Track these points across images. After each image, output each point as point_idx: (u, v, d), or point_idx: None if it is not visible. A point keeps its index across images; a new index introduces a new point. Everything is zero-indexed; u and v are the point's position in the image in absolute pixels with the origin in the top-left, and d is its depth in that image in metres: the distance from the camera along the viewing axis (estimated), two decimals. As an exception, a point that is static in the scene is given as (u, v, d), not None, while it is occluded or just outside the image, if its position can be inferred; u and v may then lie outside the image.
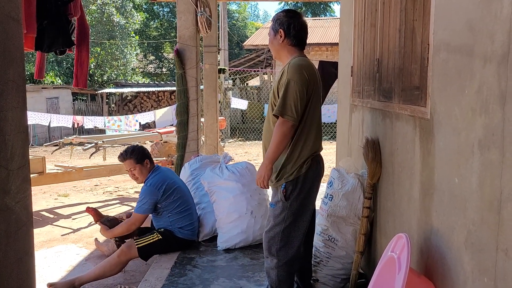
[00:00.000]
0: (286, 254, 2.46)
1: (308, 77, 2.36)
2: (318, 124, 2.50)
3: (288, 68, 2.39)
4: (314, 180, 2.49)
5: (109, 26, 20.64)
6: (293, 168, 2.42)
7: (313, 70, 2.46)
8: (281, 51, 2.54)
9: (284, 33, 2.48)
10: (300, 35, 2.51)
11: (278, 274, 2.49)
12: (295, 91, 2.32)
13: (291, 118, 2.32)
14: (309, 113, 2.41)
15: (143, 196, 3.52)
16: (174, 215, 3.62)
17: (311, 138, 2.44)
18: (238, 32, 29.44)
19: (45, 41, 2.35)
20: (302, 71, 2.35)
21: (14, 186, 1.32)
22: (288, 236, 2.46)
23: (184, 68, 4.62)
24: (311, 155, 2.44)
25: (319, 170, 2.52)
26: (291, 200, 2.43)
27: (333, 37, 16.41)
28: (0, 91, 1.25)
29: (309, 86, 2.37)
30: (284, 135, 2.34)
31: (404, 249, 1.72)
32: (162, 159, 7.40)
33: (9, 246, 1.31)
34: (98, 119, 11.16)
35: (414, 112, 2.03)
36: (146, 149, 3.71)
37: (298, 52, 2.51)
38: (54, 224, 5.40)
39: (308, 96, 2.38)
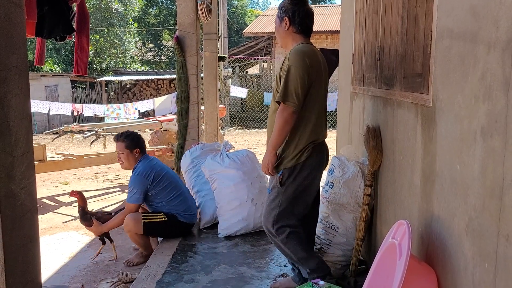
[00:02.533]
0: (285, 230, 2.50)
1: (309, 63, 2.36)
2: (320, 112, 2.48)
3: (290, 54, 2.40)
4: (314, 169, 2.47)
5: (107, 13, 20.47)
6: (292, 155, 2.43)
7: (316, 56, 2.45)
8: (286, 38, 2.56)
9: (289, 21, 2.50)
10: (305, 22, 2.52)
11: (290, 247, 2.51)
12: (296, 77, 2.32)
13: (292, 104, 2.33)
14: (310, 99, 2.41)
15: (132, 185, 3.49)
16: (167, 203, 3.60)
17: (311, 125, 2.43)
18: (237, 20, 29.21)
19: (45, 27, 2.33)
20: (304, 57, 2.36)
21: (18, 172, 1.33)
22: (282, 218, 2.50)
23: (184, 56, 4.59)
24: (311, 142, 2.43)
25: (321, 158, 2.51)
26: (286, 186, 2.45)
27: (333, 25, 16.29)
28: (3, 77, 1.25)
29: (311, 72, 2.37)
30: (285, 121, 2.34)
31: (405, 236, 1.74)
32: (162, 147, 7.41)
33: (14, 231, 1.32)
34: (97, 107, 11.11)
35: (416, 99, 2.03)
36: (141, 139, 3.66)
37: (303, 39, 2.53)
38: (55, 211, 5.42)
39: (310, 82, 2.37)
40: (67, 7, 2.45)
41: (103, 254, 3.97)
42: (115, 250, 3.80)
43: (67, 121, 14.90)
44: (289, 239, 2.51)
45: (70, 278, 3.48)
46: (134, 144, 3.55)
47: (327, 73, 2.61)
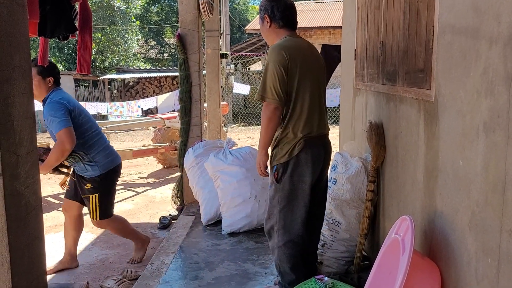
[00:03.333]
0: (284, 235, 2.46)
1: (287, 57, 2.32)
2: (312, 105, 2.40)
3: (268, 51, 2.40)
4: (309, 163, 2.39)
5: (109, 11, 20.46)
6: (284, 150, 2.40)
7: (301, 48, 2.40)
8: (271, 36, 2.54)
9: (269, 18, 2.49)
10: (285, 15, 2.48)
11: (279, 254, 2.50)
12: (272, 72, 2.31)
13: (272, 101, 2.31)
14: (298, 93, 2.36)
15: (52, 112, 3.07)
16: (89, 145, 3.25)
17: (302, 119, 2.37)
18: (239, 16, 29.15)
19: (48, 27, 2.34)
20: (281, 51, 2.33)
21: (23, 171, 1.34)
22: (285, 218, 2.45)
23: (187, 53, 4.59)
24: (304, 136, 2.37)
25: (317, 153, 2.43)
26: (282, 182, 2.42)
27: (336, 21, 16.23)
28: (7, 77, 1.26)
29: (291, 66, 2.33)
30: (269, 118, 2.33)
31: (408, 231, 1.74)
32: (165, 144, 7.42)
33: (19, 230, 1.33)
34: (100, 105, 11.14)
35: (418, 95, 2.03)
36: (57, 68, 3.27)
37: (287, 33, 2.49)
38: (59, 209, 5.44)
39: (291, 76, 2.34)
40: (69, 6, 2.46)
41: (107, 251, 3.99)
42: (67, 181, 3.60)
43: (70, 119, 14.91)
44: (285, 246, 2.47)
45: (75, 276, 3.50)
46: (48, 72, 3.15)
47: (320, 64, 2.53)
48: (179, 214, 4.63)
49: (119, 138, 12.49)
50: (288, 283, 2.53)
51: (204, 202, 4.17)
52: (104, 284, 3.25)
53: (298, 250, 2.49)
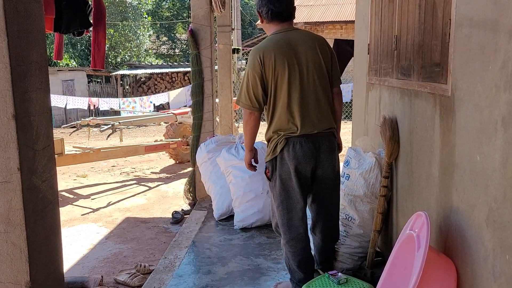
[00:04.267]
0: (286, 234, 2.49)
1: (261, 61, 2.31)
2: (287, 103, 2.33)
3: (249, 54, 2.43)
4: (294, 160, 2.34)
5: (121, 7, 20.57)
6: (269, 148, 2.45)
7: (278, 46, 2.33)
8: (267, 31, 2.54)
9: (259, 14, 2.49)
10: (270, 8, 2.39)
11: (286, 252, 2.56)
12: (247, 79, 2.37)
13: (246, 106, 2.38)
14: (275, 93, 2.35)
15: None
16: None
17: (279, 118, 2.36)
18: (250, 11, 29.06)
19: (63, 22, 2.36)
20: (256, 55, 2.35)
21: (40, 165, 1.35)
22: (282, 216, 2.47)
23: (199, 49, 4.59)
24: (285, 135, 2.34)
25: (302, 150, 2.34)
26: (273, 181, 2.46)
27: (348, 15, 16.08)
28: (24, 73, 1.27)
29: (265, 69, 2.31)
30: (245, 122, 2.45)
31: (424, 227, 1.72)
32: (177, 140, 7.46)
33: (37, 224, 1.35)
34: (113, 101, 11.23)
35: (434, 89, 2.00)
36: None
37: (276, 26, 2.43)
38: (74, 204, 5.52)
39: (267, 78, 2.33)
40: (84, 2, 2.48)
41: (121, 245, 4.04)
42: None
43: (83, 115, 15.09)
44: (288, 245, 2.51)
45: (89, 269, 3.55)
46: None
47: (311, 55, 2.37)
48: (192, 209, 4.65)
49: (131, 133, 12.58)
50: (298, 280, 2.54)
51: (216, 197, 4.18)
52: (118, 278, 3.29)
53: (301, 247, 2.49)
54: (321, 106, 2.40)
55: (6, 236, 1.30)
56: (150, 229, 4.47)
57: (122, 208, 5.26)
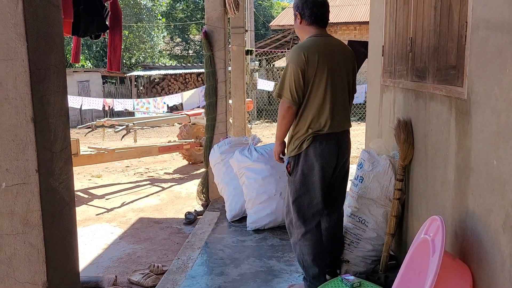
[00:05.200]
0: (301, 228, 2.56)
1: (306, 58, 2.40)
2: (322, 103, 2.45)
3: (290, 50, 2.53)
4: (318, 158, 2.46)
5: (136, 9, 20.77)
6: (295, 144, 2.52)
7: (319, 48, 2.45)
8: (302, 33, 2.63)
9: (300, 15, 2.58)
10: (314, 12, 2.54)
11: (300, 247, 2.60)
12: (290, 73, 2.42)
13: (287, 100, 2.44)
14: (311, 92, 2.45)
15: None
16: None
17: (311, 116, 2.46)
18: (264, 13, 29.07)
19: (80, 26, 2.40)
20: (300, 52, 2.43)
21: (57, 167, 1.38)
22: (298, 210, 2.55)
23: (213, 50, 4.61)
24: (313, 132, 2.46)
25: (327, 149, 2.47)
26: (293, 175, 2.54)
27: (362, 16, 15.99)
28: (43, 76, 1.30)
29: (308, 67, 2.41)
30: (282, 116, 2.48)
31: (439, 232, 1.70)
32: (191, 140, 7.50)
33: (54, 224, 1.37)
34: (127, 102, 11.33)
35: (449, 92, 1.98)
36: None
37: (316, 30, 2.56)
38: (88, 204, 5.58)
39: (308, 77, 2.42)
40: (101, 6, 2.51)
41: (135, 246, 4.07)
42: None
43: (98, 115, 15.25)
44: (303, 238, 2.56)
45: (104, 269, 3.59)
46: None
47: (344, 62, 2.55)
48: (204, 210, 4.67)
49: (145, 134, 12.68)
50: (312, 277, 2.59)
51: (229, 199, 4.19)
52: (131, 278, 3.32)
53: (315, 241, 2.58)
54: (345, 108, 2.60)
55: (24, 237, 1.32)
56: (163, 230, 4.50)
57: (136, 209, 5.31)
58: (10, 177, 1.30)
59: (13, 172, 1.30)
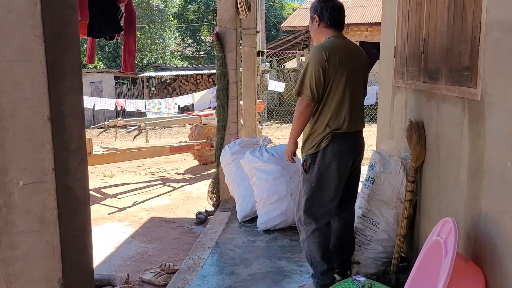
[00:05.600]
0: (311, 224, 2.58)
1: (327, 57, 2.43)
2: (343, 104, 2.49)
3: (311, 50, 2.56)
4: (336, 157, 2.49)
5: (148, 10, 20.93)
6: (313, 143, 2.53)
7: (338, 49, 2.49)
8: (319, 35, 2.66)
9: (318, 18, 2.61)
10: (333, 15, 2.59)
11: (309, 243, 2.62)
12: (311, 71, 2.44)
13: (307, 97, 2.46)
14: (330, 91, 2.48)
15: None
16: None
17: (330, 116, 2.48)
18: (275, 14, 29.07)
19: (95, 27, 2.44)
20: (321, 51, 2.46)
21: (73, 166, 1.40)
22: (311, 207, 2.57)
23: (224, 51, 4.63)
24: (331, 132, 2.48)
25: (344, 148, 2.51)
26: (309, 173, 2.55)
27: (373, 17, 15.91)
28: (60, 77, 1.32)
29: (328, 66, 2.44)
30: (300, 113, 2.50)
31: (451, 234, 1.70)
32: (202, 141, 7.54)
33: (69, 222, 1.40)
34: (139, 102, 11.43)
35: (463, 93, 1.97)
36: None
37: (333, 33, 2.60)
38: (101, 203, 5.64)
39: (329, 75, 2.45)
40: (115, 7, 2.54)
41: (146, 245, 4.11)
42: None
43: (110, 116, 15.39)
44: (312, 235, 2.59)
45: (116, 268, 3.63)
46: None
47: (360, 64, 2.61)
48: (215, 210, 4.69)
49: (157, 134, 12.76)
50: (320, 273, 2.61)
51: (240, 199, 4.21)
52: (143, 277, 3.35)
53: (324, 238, 2.61)
54: (361, 108, 2.65)
55: (40, 234, 1.35)
56: (174, 229, 4.53)
57: (147, 208, 5.35)
58: (27, 175, 1.33)
59: (30, 170, 1.32)
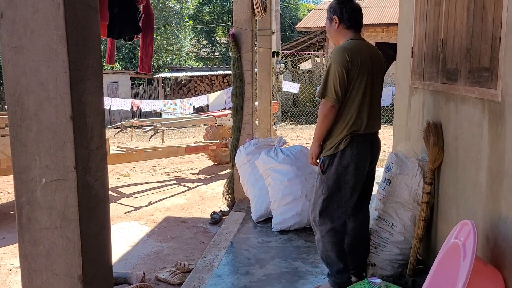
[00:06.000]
0: (326, 224, 2.58)
1: (350, 58, 2.43)
2: (360, 104, 2.48)
3: (332, 52, 2.52)
4: (354, 158, 2.49)
5: (164, 11, 21.11)
6: (332, 144, 2.52)
7: (361, 51, 2.49)
8: (337, 36, 2.65)
9: (338, 19, 2.60)
10: (353, 16, 2.59)
11: (324, 243, 2.62)
12: (335, 73, 2.43)
13: (331, 99, 2.45)
14: (351, 93, 2.47)
15: None
16: None
17: (350, 117, 2.47)
18: (290, 15, 29.04)
19: (115, 28, 2.47)
20: (344, 53, 2.44)
21: (93, 164, 1.43)
22: (327, 207, 2.57)
23: (240, 52, 4.65)
24: (350, 133, 2.47)
25: (362, 149, 2.51)
26: (327, 174, 2.55)
27: (389, 17, 15.78)
28: (81, 77, 1.35)
29: (351, 68, 2.43)
30: (324, 115, 2.47)
31: (470, 236, 1.68)
32: (216, 141, 7.57)
33: (90, 220, 1.42)
34: (154, 103, 11.53)
35: (482, 94, 1.95)
36: None
37: (353, 34, 2.59)
38: (117, 202, 5.71)
39: (351, 77, 2.44)
40: (135, 8, 2.58)
41: (161, 244, 4.14)
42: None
43: (126, 116, 15.56)
44: (327, 235, 2.59)
45: (132, 266, 3.66)
46: None
47: (379, 65, 2.61)
48: (230, 210, 4.71)
49: (172, 135, 12.86)
50: (336, 272, 2.62)
51: (255, 199, 4.21)
52: (159, 275, 3.38)
53: (340, 238, 2.62)
54: (379, 110, 2.64)
55: (62, 231, 1.37)
56: (189, 229, 4.56)
57: (163, 207, 5.40)
58: (49, 173, 1.35)
59: (53, 168, 1.35)
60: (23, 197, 1.38)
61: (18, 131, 1.35)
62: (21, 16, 1.29)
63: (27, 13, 1.29)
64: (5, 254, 4.01)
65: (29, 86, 1.32)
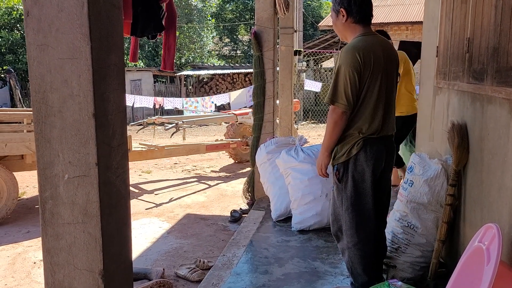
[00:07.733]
0: (353, 237, 2.42)
1: (361, 60, 2.23)
2: (375, 106, 2.31)
3: (341, 52, 2.32)
4: (369, 162, 2.32)
5: (187, 10, 21.29)
6: (343, 150, 2.36)
7: (372, 49, 2.29)
8: (345, 31, 2.43)
9: (346, 12, 2.36)
10: (363, 9, 2.35)
11: (350, 255, 2.48)
12: (344, 76, 2.24)
13: (341, 106, 2.26)
14: (366, 95, 2.30)
15: None
16: None
17: (365, 121, 2.31)
18: (312, 13, 28.86)
19: (139, 27, 2.51)
20: (354, 53, 2.24)
21: (115, 161, 1.45)
22: (352, 219, 2.40)
23: (262, 51, 4.65)
24: (363, 137, 2.31)
25: (376, 152, 2.34)
26: (344, 183, 2.39)
27: (414, 16, 15.50)
28: (104, 75, 1.37)
29: (363, 69, 2.25)
30: (335, 122, 2.30)
31: (494, 240, 1.63)
32: (237, 140, 7.59)
33: (111, 216, 1.44)
34: (176, 101, 11.63)
35: (510, 95, 1.89)
36: None
37: (362, 29, 2.37)
38: (138, 198, 5.79)
39: (363, 79, 2.26)
40: (158, 7, 2.61)
41: (181, 241, 4.18)
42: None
43: (148, 113, 15.76)
44: (354, 248, 2.43)
45: (152, 262, 3.71)
46: None
47: (393, 63, 2.42)
48: (250, 208, 4.72)
49: (193, 132, 12.96)
50: (361, 284, 2.50)
51: (275, 198, 4.21)
52: (178, 272, 3.41)
53: (368, 250, 2.44)
54: (394, 111, 2.47)
55: (84, 226, 1.40)
56: (209, 226, 4.59)
57: (183, 205, 5.45)
58: (72, 169, 1.38)
59: (75, 164, 1.38)
60: (46, 192, 1.41)
61: (42, 127, 1.38)
62: (47, 15, 1.32)
63: (52, 12, 1.31)
64: (29, 247, 4.12)
65: (54, 84, 1.34)
